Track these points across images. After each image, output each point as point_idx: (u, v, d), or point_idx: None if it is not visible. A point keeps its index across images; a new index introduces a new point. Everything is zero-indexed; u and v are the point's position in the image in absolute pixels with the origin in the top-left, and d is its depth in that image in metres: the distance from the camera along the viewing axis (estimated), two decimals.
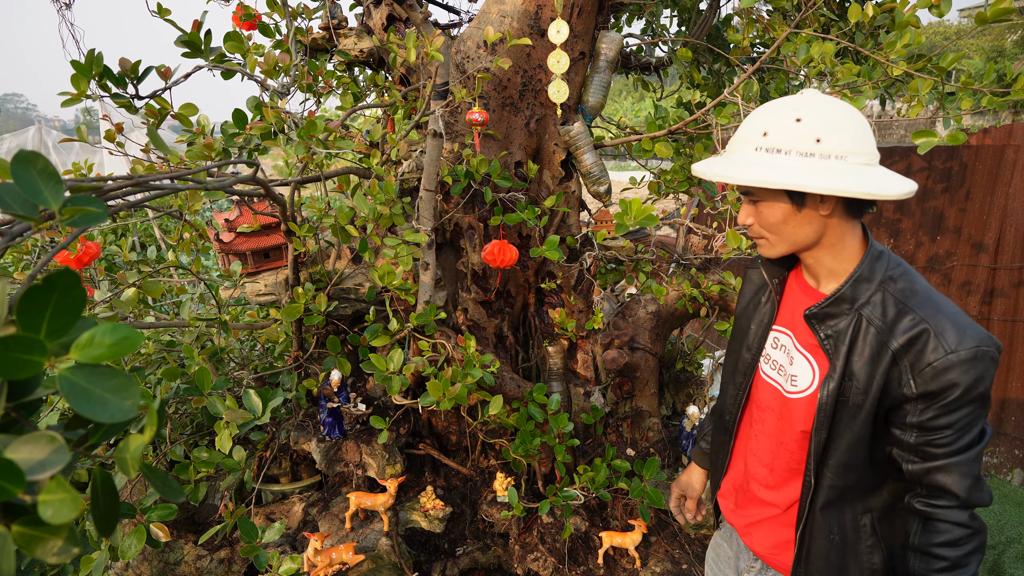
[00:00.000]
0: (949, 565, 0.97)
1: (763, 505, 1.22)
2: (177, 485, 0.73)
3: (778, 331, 1.18)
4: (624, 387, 2.29)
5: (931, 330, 0.94)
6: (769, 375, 1.19)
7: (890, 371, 0.97)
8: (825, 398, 1.03)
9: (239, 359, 2.32)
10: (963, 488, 0.96)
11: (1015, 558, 2.64)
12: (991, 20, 1.44)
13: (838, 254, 1.05)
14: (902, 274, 1.02)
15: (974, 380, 0.92)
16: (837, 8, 2.58)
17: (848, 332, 1.01)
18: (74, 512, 0.48)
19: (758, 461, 1.22)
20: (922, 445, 0.97)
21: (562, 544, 2.02)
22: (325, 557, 1.76)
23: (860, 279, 1.02)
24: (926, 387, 0.94)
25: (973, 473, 0.96)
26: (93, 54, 1.47)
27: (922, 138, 1.53)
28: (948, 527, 0.97)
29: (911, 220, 3.86)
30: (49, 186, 0.64)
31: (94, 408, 0.52)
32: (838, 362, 1.02)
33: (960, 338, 0.93)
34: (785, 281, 1.19)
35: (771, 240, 1.07)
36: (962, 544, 0.97)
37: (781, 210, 1.02)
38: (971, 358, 0.91)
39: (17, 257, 2.05)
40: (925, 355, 0.94)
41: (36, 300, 0.51)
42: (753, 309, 1.23)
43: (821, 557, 1.10)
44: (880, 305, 1.00)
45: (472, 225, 2.10)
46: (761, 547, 1.23)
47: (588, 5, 2.04)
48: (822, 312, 1.05)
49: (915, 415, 0.97)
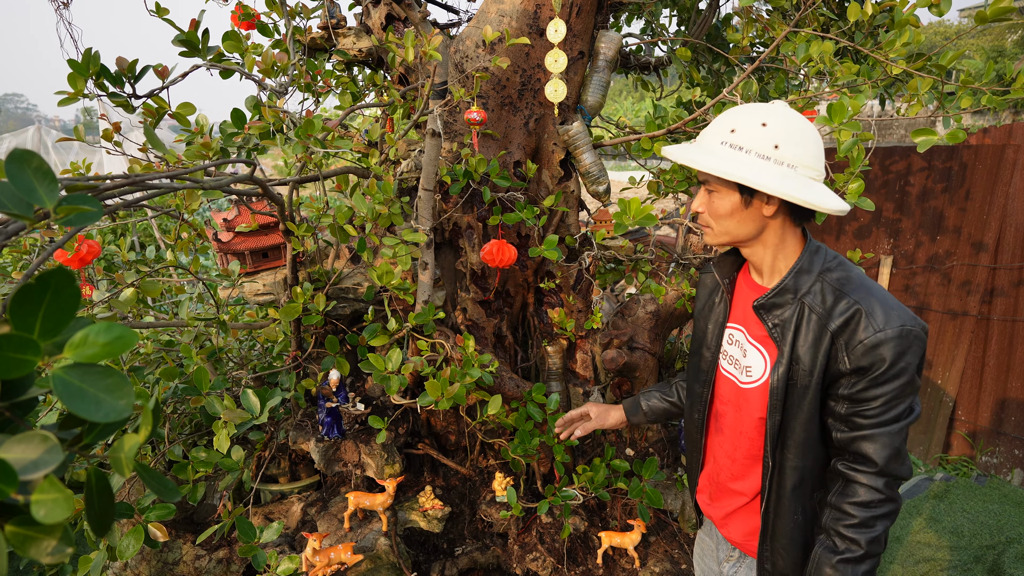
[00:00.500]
0: (857, 523, 1.07)
1: (734, 495, 1.30)
2: (172, 485, 0.73)
3: (732, 328, 1.28)
4: (623, 387, 2.29)
5: (863, 311, 1.05)
6: (727, 370, 1.28)
7: (830, 351, 1.08)
8: (776, 382, 1.13)
9: (237, 359, 2.32)
10: (883, 457, 1.05)
11: (1015, 558, 2.64)
12: (991, 19, 1.44)
13: (779, 252, 1.16)
14: (838, 265, 1.13)
15: (899, 355, 1.02)
16: (836, 7, 2.57)
17: (793, 320, 1.12)
18: (67, 512, 0.48)
19: (724, 453, 1.31)
20: (851, 415, 1.08)
21: (561, 544, 2.02)
22: (323, 557, 1.76)
23: (800, 271, 1.13)
24: (858, 362, 1.04)
25: (894, 445, 1.06)
26: (90, 53, 1.46)
27: (921, 136, 1.53)
28: (863, 490, 1.07)
29: (911, 220, 3.86)
30: (44, 185, 0.63)
31: (88, 408, 0.51)
32: (785, 348, 1.12)
33: (887, 318, 1.03)
34: (735, 281, 1.30)
35: (715, 230, 1.16)
36: (873, 507, 1.07)
37: (731, 202, 1.12)
38: (897, 335, 1.02)
39: (16, 257, 2.05)
40: (857, 333, 1.04)
41: (29, 299, 0.51)
42: (708, 311, 1.34)
43: (786, 535, 1.18)
44: (820, 293, 1.10)
45: (471, 225, 2.10)
46: (737, 535, 1.31)
47: (587, 4, 2.03)
48: (769, 303, 1.15)
49: (847, 388, 1.07)
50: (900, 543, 2.83)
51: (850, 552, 1.08)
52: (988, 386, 3.59)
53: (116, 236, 5.42)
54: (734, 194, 1.12)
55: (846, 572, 1.07)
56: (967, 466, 3.57)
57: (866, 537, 1.07)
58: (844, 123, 1.52)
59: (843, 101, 1.49)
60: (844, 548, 1.08)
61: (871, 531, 1.07)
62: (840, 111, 1.50)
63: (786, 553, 1.19)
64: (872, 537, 1.07)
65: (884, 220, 3.97)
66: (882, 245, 4.00)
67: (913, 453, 3.80)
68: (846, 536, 1.08)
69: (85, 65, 1.46)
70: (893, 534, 2.90)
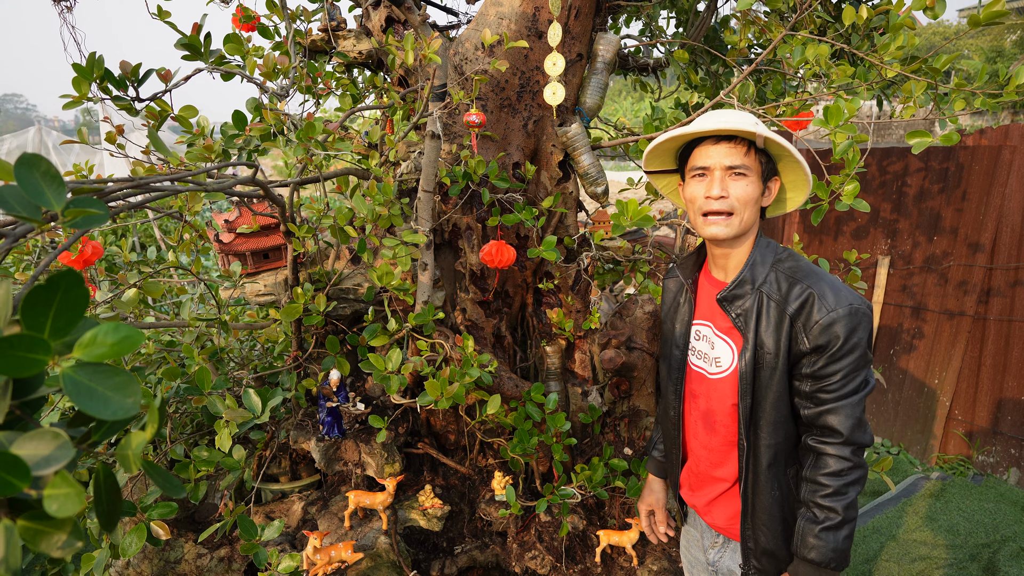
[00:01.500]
0: (832, 492, 1.16)
1: (715, 482, 1.36)
2: (177, 481, 0.75)
3: (698, 324, 1.36)
4: (622, 386, 2.30)
5: (815, 294, 1.15)
6: (697, 365, 1.36)
7: (791, 333, 1.17)
8: (744, 367, 1.22)
9: (239, 359, 2.33)
10: (847, 427, 1.14)
11: (1010, 556, 2.65)
12: (984, 23, 1.46)
13: (744, 244, 1.26)
14: (788, 256, 1.24)
15: (851, 331, 1.12)
16: (834, 9, 2.59)
17: (754, 309, 1.21)
18: (78, 506, 0.50)
19: (701, 445, 1.37)
20: (815, 392, 1.17)
21: (560, 542, 2.03)
22: (324, 555, 1.78)
23: (755, 263, 1.23)
24: (816, 341, 1.14)
25: (855, 415, 1.15)
26: (94, 57, 1.48)
27: (916, 138, 1.55)
28: (833, 460, 1.16)
29: (908, 220, 3.87)
30: (52, 188, 0.65)
31: (97, 406, 0.53)
32: (750, 335, 1.21)
33: (838, 299, 1.14)
34: (697, 281, 1.39)
35: (739, 217, 1.21)
36: (843, 475, 1.15)
37: (758, 191, 1.21)
38: (848, 314, 1.12)
39: (17, 258, 2.06)
40: (813, 315, 1.14)
41: (40, 300, 0.52)
42: (675, 312, 1.42)
43: (765, 511, 1.25)
44: (775, 282, 1.20)
45: (470, 226, 2.11)
46: (721, 520, 1.37)
47: (585, 7, 2.05)
48: (730, 295, 1.25)
49: (809, 366, 1.16)
50: (896, 541, 2.84)
51: (829, 520, 1.16)
52: (984, 386, 3.61)
53: (117, 237, 5.43)
54: (760, 183, 1.21)
55: (828, 539, 1.15)
56: (964, 465, 3.59)
57: (842, 504, 1.15)
58: (840, 126, 1.54)
59: (839, 104, 1.51)
60: (824, 517, 1.16)
61: (845, 498, 1.15)
62: (836, 114, 1.51)
63: (767, 528, 1.25)
64: (847, 503, 1.15)
65: (882, 220, 3.99)
66: (879, 245, 4.02)
67: (910, 452, 3.82)
68: (824, 506, 1.16)
69: (89, 69, 1.47)
70: (889, 532, 2.92)
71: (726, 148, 1.18)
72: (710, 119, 1.21)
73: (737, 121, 1.17)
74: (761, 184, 1.21)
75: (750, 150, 1.18)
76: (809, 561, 1.17)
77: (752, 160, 1.19)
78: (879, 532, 2.93)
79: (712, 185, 1.19)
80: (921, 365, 3.85)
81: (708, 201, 1.20)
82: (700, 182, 1.23)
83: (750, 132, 1.16)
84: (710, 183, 1.20)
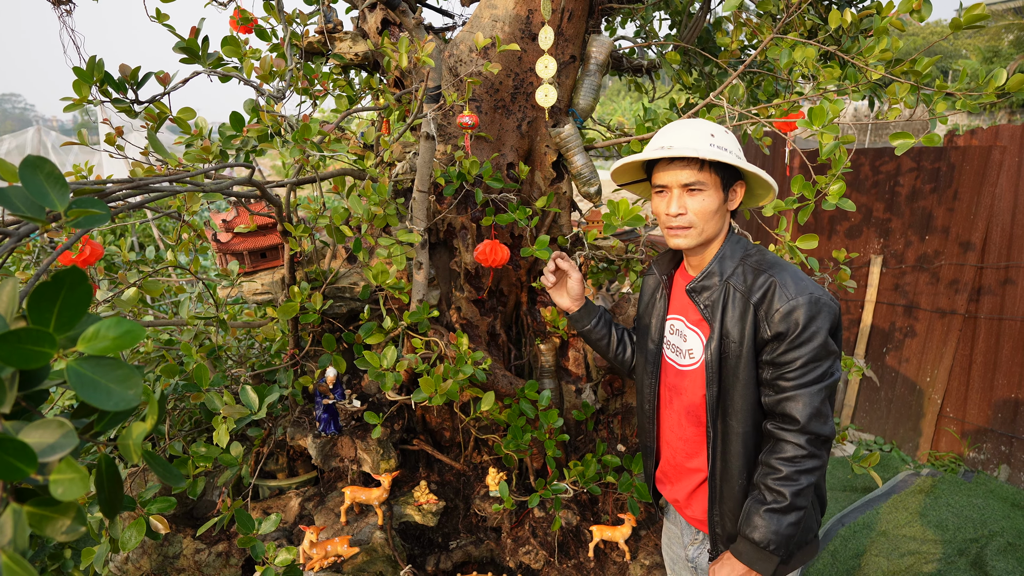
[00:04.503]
0: (782, 476, 1.17)
1: (691, 473, 1.39)
2: (177, 471, 0.78)
3: (672, 319, 1.40)
4: (615, 384, 2.33)
5: (777, 283, 1.18)
6: (671, 358, 1.40)
7: (755, 322, 1.20)
8: (710, 357, 1.25)
9: (236, 357, 2.36)
10: (804, 416, 1.15)
11: (997, 551, 2.69)
12: (965, 26, 1.49)
13: (712, 246, 1.30)
14: (757, 251, 1.29)
15: (810, 319, 1.14)
16: (824, 12, 2.62)
17: (721, 300, 1.25)
18: (83, 489, 0.52)
19: (676, 436, 1.40)
20: (775, 379, 1.19)
21: (553, 537, 2.06)
22: (320, 550, 1.80)
23: (724, 257, 1.28)
24: (776, 328, 1.17)
25: (814, 405, 1.16)
26: (94, 61, 1.50)
27: (899, 140, 1.58)
28: (789, 447, 1.17)
29: (900, 220, 3.91)
30: (55, 189, 0.68)
31: (100, 397, 0.55)
32: (716, 325, 1.25)
33: (798, 288, 1.17)
34: (672, 278, 1.43)
35: (700, 230, 1.26)
36: (797, 462, 1.17)
37: (718, 200, 1.25)
38: (807, 302, 1.15)
39: (17, 257, 2.09)
40: (774, 303, 1.18)
41: (45, 296, 0.55)
42: (651, 307, 1.45)
43: (733, 499, 1.28)
44: (742, 275, 1.24)
45: (465, 225, 2.14)
46: (699, 514, 1.39)
47: (578, 9, 2.08)
48: (699, 286, 1.29)
49: (770, 353, 1.19)
50: (886, 536, 2.88)
51: (776, 503, 1.17)
52: (975, 384, 3.64)
53: (116, 236, 5.45)
54: (720, 192, 1.25)
55: (772, 521, 1.17)
56: (955, 462, 3.62)
57: (791, 489, 1.16)
58: (825, 126, 1.57)
59: (823, 105, 1.54)
60: (772, 500, 1.18)
61: (796, 484, 1.16)
62: (820, 115, 1.55)
63: (734, 516, 1.27)
64: (797, 490, 1.16)
65: (874, 220, 4.03)
66: (872, 245, 4.05)
67: (903, 449, 3.86)
68: (773, 488, 1.18)
69: (90, 72, 1.50)
70: (879, 527, 2.95)
71: (679, 167, 1.23)
72: (657, 142, 1.26)
73: (681, 145, 1.21)
74: (721, 194, 1.25)
75: (704, 166, 1.22)
76: (750, 540, 1.19)
77: (707, 175, 1.22)
78: (869, 527, 2.96)
79: (671, 203, 1.26)
80: (913, 363, 3.89)
81: (668, 217, 1.27)
82: (662, 198, 1.29)
83: (692, 156, 1.19)
84: (669, 200, 1.26)
